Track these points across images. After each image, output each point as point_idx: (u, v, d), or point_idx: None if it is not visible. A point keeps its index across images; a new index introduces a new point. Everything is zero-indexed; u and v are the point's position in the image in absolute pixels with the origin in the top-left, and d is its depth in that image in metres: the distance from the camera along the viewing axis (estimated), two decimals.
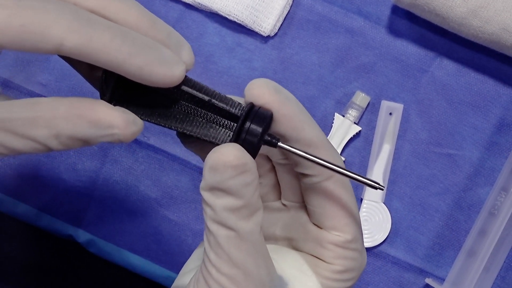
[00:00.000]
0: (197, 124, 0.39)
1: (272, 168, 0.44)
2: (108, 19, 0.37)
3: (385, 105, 0.66)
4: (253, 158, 0.37)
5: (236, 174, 0.36)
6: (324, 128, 0.67)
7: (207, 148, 0.38)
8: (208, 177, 0.37)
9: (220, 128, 0.39)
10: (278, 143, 0.38)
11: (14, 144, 0.36)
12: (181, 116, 0.39)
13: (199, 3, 0.67)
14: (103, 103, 0.37)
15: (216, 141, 0.38)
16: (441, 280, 0.66)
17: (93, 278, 0.92)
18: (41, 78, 0.69)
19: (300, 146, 0.39)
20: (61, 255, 0.89)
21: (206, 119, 0.39)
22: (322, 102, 0.67)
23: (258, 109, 0.38)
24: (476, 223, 0.66)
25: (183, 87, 0.38)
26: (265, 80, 0.39)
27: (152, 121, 0.39)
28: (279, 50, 0.68)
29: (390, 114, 0.66)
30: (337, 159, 0.41)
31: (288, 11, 0.68)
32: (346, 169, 0.39)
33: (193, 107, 0.39)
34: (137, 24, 0.37)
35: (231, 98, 0.39)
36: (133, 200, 0.68)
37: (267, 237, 0.45)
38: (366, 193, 0.66)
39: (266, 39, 0.68)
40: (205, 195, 0.37)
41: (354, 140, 0.67)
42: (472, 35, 0.63)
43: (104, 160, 0.68)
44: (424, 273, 0.67)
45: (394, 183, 0.67)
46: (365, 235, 0.66)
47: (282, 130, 0.39)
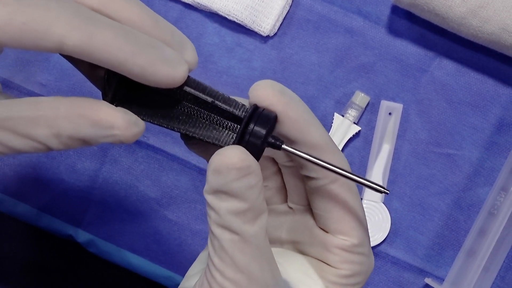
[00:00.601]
0: (200, 125, 0.38)
1: (277, 171, 0.43)
2: (111, 17, 0.36)
3: (385, 105, 0.66)
4: (257, 160, 0.37)
5: (240, 177, 0.36)
6: None
7: (210, 150, 0.37)
8: (211, 180, 0.36)
9: (224, 129, 0.38)
10: (282, 145, 0.38)
11: (15, 143, 0.36)
12: (183, 117, 0.38)
13: (199, 3, 0.67)
14: (105, 103, 0.36)
15: (220, 143, 0.38)
16: (441, 280, 0.66)
17: (93, 278, 0.92)
18: (40, 78, 0.69)
19: (305, 149, 0.39)
20: (61, 255, 0.89)
21: (209, 120, 0.38)
22: (322, 102, 0.67)
23: (262, 111, 0.38)
24: (475, 223, 0.66)
25: (186, 88, 0.38)
26: (270, 81, 0.39)
27: (155, 122, 0.38)
28: (278, 50, 0.68)
29: (390, 114, 0.66)
30: (343, 162, 0.40)
31: (288, 11, 0.68)
32: (352, 172, 0.39)
33: (196, 108, 0.38)
34: (140, 23, 0.37)
35: (234, 100, 0.38)
36: (133, 200, 0.68)
37: (273, 240, 0.44)
38: (366, 193, 0.66)
39: (265, 39, 0.68)
40: (209, 198, 0.37)
41: (353, 140, 0.67)
42: (471, 35, 0.63)
43: (103, 160, 0.68)
44: (424, 273, 0.67)
45: (394, 183, 0.67)
46: None
47: (287, 132, 0.39)
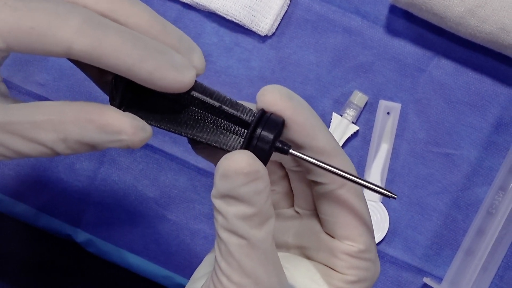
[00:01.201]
0: (208, 130, 0.38)
1: (285, 175, 0.43)
2: (119, 22, 0.36)
3: (383, 104, 0.66)
4: (265, 165, 0.37)
5: (248, 182, 0.36)
6: None
7: (218, 155, 0.37)
8: (219, 185, 0.36)
9: (231, 134, 0.38)
10: (290, 150, 0.38)
11: (21, 147, 0.36)
12: (191, 122, 0.38)
13: (197, 3, 0.67)
14: (113, 108, 0.36)
15: (227, 148, 0.38)
16: (439, 279, 0.66)
17: (92, 277, 0.92)
18: (39, 77, 0.69)
19: (312, 154, 0.39)
20: (60, 255, 0.89)
21: (217, 125, 0.38)
22: (320, 102, 0.67)
23: (269, 116, 0.38)
24: (474, 222, 0.66)
25: (193, 93, 0.38)
26: (277, 86, 0.39)
27: (162, 127, 0.38)
28: (277, 49, 0.68)
29: (388, 113, 0.67)
30: (349, 167, 0.40)
31: (286, 11, 0.68)
32: (359, 177, 0.39)
33: (203, 113, 0.38)
34: (148, 28, 0.37)
35: (242, 104, 0.38)
36: (132, 200, 0.68)
37: (279, 245, 0.44)
38: (364, 193, 0.66)
39: (264, 38, 0.68)
40: (217, 202, 0.37)
41: (352, 140, 0.67)
42: (469, 34, 0.63)
43: (102, 160, 0.68)
44: (422, 272, 0.67)
45: (392, 183, 0.67)
46: None
47: (294, 137, 0.39)
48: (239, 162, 0.35)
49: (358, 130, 0.66)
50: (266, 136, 0.37)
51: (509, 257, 0.66)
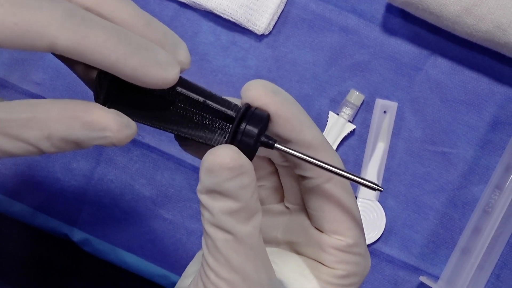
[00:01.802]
0: (193, 126, 0.38)
1: (274, 171, 0.43)
2: (103, 17, 0.36)
3: (380, 103, 0.66)
4: (250, 159, 0.37)
5: (233, 176, 0.35)
6: (318, 126, 0.67)
7: (204, 150, 0.37)
8: (204, 180, 0.36)
9: (216, 129, 0.38)
10: (275, 144, 0.38)
11: (6, 145, 0.35)
12: (176, 118, 0.38)
13: (194, 2, 0.67)
14: (97, 105, 0.36)
15: (212, 143, 0.38)
16: (436, 278, 0.66)
17: (88, 276, 0.92)
18: (35, 77, 0.69)
19: (299, 148, 0.39)
20: (56, 254, 0.89)
21: (202, 120, 0.38)
22: (317, 101, 0.67)
23: (254, 110, 0.37)
24: (470, 221, 0.66)
25: (178, 89, 0.38)
26: (262, 81, 0.38)
27: (147, 123, 0.38)
28: (273, 48, 0.68)
29: (385, 112, 0.67)
30: (337, 161, 0.40)
31: (283, 10, 0.68)
32: (345, 170, 0.38)
33: (189, 108, 0.38)
34: (132, 23, 0.37)
35: (227, 99, 0.38)
36: (128, 199, 0.68)
37: (269, 240, 0.44)
38: (361, 192, 0.66)
39: (260, 37, 0.68)
40: (202, 197, 0.36)
41: (348, 139, 0.67)
42: (466, 33, 0.63)
43: (98, 159, 0.68)
44: (419, 271, 0.67)
45: (389, 181, 0.67)
46: None
47: (280, 132, 0.39)
48: (223, 157, 0.35)
49: (354, 129, 0.67)
50: (251, 131, 0.37)
51: (505, 256, 0.66)
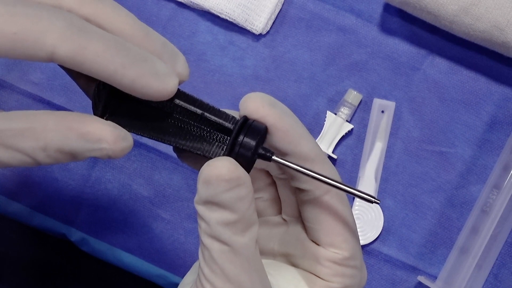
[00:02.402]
0: (191, 137, 0.38)
1: (272, 183, 0.43)
2: (102, 28, 0.36)
3: (377, 103, 0.66)
4: (248, 171, 0.37)
5: (230, 188, 0.36)
6: (316, 126, 0.67)
7: (202, 162, 0.37)
8: (201, 191, 0.36)
9: (214, 141, 0.38)
10: (273, 156, 0.38)
11: (1, 155, 0.35)
12: (174, 130, 0.38)
13: (191, 2, 0.67)
14: (94, 117, 0.36)
15: (210, 155, 0.38)
16: (434, 277, 0.66)
17: (86, 276, 0.92)
18: (33, 77, 0.69)
19: (296, 160, 0.39)
20: (54, 254, 0.89)
21: (200, 132, 0.38)
22: (314, 100, 0.67)
23: (252, 123, 0.38)
24: (468, 220, 0.66)
25: (176, 101, 0.38)
26: (260, 94, 0.39)
27: (146, 135, 0.38)
28: (271, 48, 0.68)
29: (382, 112, 0.67)
30: (333, 173, 0.40)
31: (280, 9, 0.68)
32: (342, 182, 0.39)
33: (186, 120, 0.38)
34: (131, 34, 0.37)
35: (224, 112, 0.38)
36: (126, 199, 0.68)
37: (266, 252, 0.44)
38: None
39: (258, 37, 0.68)
40: (199, 208, 0.37)
41: (346, 138, 0.67)
42: (463, 32, 0.63)
43: (96, 159, 0.68)
44: (417, 271, 0.67)
45: (387, 181, 0.67)
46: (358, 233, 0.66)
47: (278, 144, 0.39)
48: (220, 169, 0.36)
49: (352, 129, 0.66)
50: (248, 143, 0.37)
51: (504, 256, 0.66)
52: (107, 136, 0.35)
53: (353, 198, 0.66)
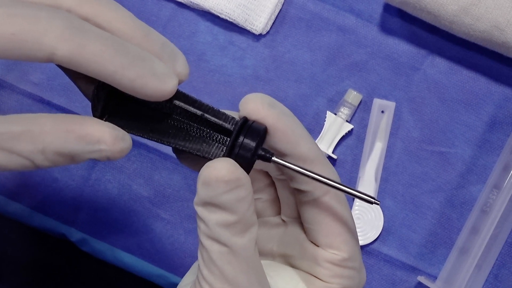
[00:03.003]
0: (190, 139, 0.38)
1: (271, 184, 0.43)
2: (102, 28, 0.36)
3: (377, 103, 0.66)
4: (247, 172, 0.37)
5: (229, 189, 0.36)
6: (316, 126, 0.67)
7: (201, 163, 0.37)
8: (201, 192, 0.36)
9: (214, 142, 0.38)
10: (272, 157, 0.38)
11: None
12: (173, 131, 0.38)
13: (191, 2, 0.67)
14: (92, 119, 0.36)
15: (210, 156, 0.38)
16: (434, 278, 0.66)
17: (86, 276, 0.92)
18: (33, 77, 0.69)
19: (295, 161, 0.39)
20: (54, 254, 0.89)
21: (199, 133, 0.38)
22: (314, 100, 0.67)
23: (251, 124, 0.38)
24: (468, 221, 0.66)
25: (175, 102, 0.38)
26: (260, 94, 0.39)
27: (145, 136, 0.38)
28: (271, 48, 0.68)
29: (382, 112, 0.67)
30: (332, 174, 0.40)
31: (280, 9, 0.68)
32: (342, 183, 0.39)
33: (186, 121, 0.38)
34: (130, 34, 0.37)
35: (224, 113, 0.38)
36: (126, 199, 0.68)
37: (264, 252, 0.44)
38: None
39: (258, 37, 0.68)
40: (199, 210, 0.37)
41: (346, 138, 0.67)
42: (463, 32, 0.63)
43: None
44: (417, 271, 0.67)
45: (387, 181, 0.67)
46: (358, 233, 0.66)
47: (277, 145, 0.39)
48: (220, 170, 0.35)
49: (352, 129, 0.66)
50: (248, 144, 0.37)
51: (504, 256, 0.66)
52: (105, 137, 0.35)
53: (353, 198, 0.66)
